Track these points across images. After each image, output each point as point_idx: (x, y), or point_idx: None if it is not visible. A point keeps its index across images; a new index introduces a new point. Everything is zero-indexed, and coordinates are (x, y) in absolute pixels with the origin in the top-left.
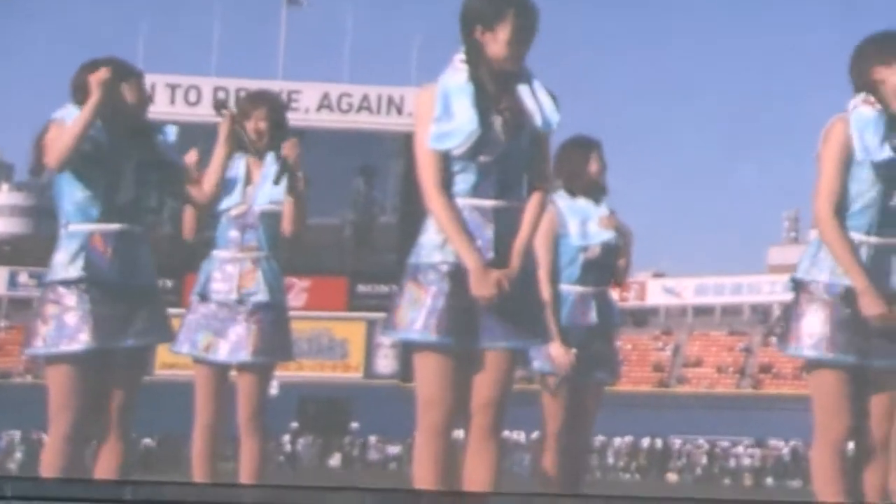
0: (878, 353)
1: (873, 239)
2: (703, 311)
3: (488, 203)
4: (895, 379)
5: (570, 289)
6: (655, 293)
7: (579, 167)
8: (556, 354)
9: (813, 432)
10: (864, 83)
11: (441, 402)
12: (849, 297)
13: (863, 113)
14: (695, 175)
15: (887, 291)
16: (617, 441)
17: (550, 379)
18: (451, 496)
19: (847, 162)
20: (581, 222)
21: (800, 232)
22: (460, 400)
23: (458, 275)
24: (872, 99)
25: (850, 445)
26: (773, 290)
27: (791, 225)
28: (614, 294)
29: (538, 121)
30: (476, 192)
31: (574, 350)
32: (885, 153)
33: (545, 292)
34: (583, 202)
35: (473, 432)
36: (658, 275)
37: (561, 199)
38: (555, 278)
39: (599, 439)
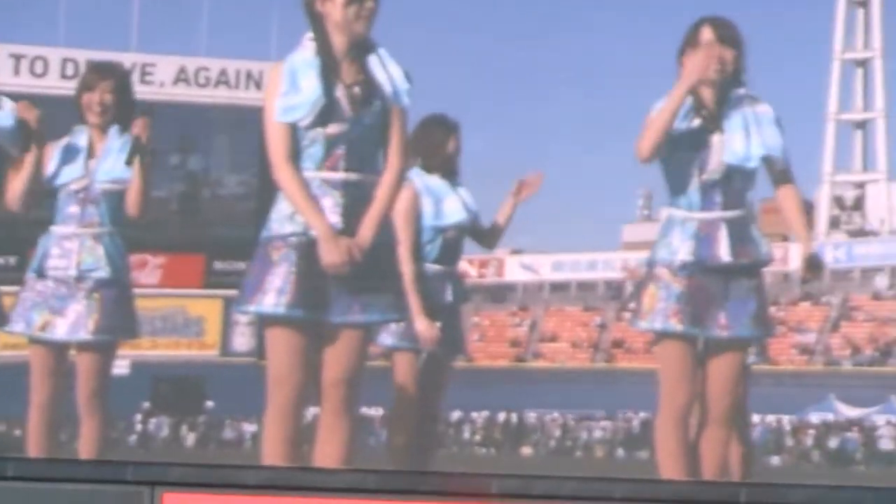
0: (722, 327)
1: (702, 214)
2: (559, 288)
3: (338, 175)
4: (738, 352)
5: (427, 267)
6: (513, 270)
7: (437, 145)
8: (421, 329)
9: (658, 404)
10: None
11: (290, 379)
12: (687, 270)
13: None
14: (552, 153)
15: (716, 263)
16: (474, 415)
17: (410, 355)
18: (457, 477)
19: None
20: (436, 202)
21: (653, 210)
22: (313, 376)
23: (308, 246)
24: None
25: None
26: (626, 267)
27: (645, 203)
28: (472, 271)
29: (388, 92)
30: (325, 164)
31: (438, 325)
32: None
33: (406, 268)
34: (438, 181)
35: (325, 409)
36: (516, 252)
37: (418, 177)
38: (417, 255)
39: (456, 415)
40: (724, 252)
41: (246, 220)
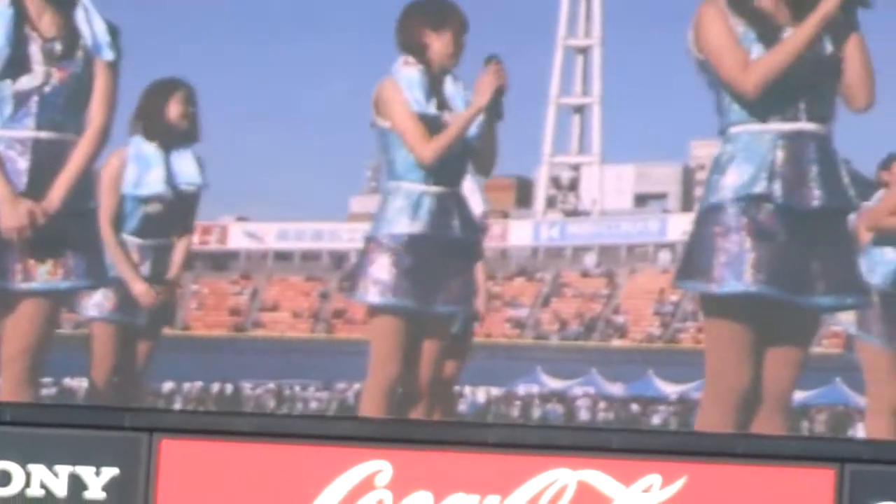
0: (438, 301)
1: (429, 188)
2: (283, 257)
3: (27, 134)
4: (449, 326)
5: (130, 240)
6: (237, 237)
7: (158, 110)
8: (139, 293)
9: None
10: (408, 45)
11: None
12: (412, 245)
13: (407, 73)
14: (280, 120)
15: (449, 235)
16: (187, 386)
17: (108, 326)
18: (446, 425)
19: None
20: (141, 171)
21: (380, 182)
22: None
23: None
24: (412, 60)
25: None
26: (351, 238)
27: (373, 175)
28: (193, 238)
29: (90, 48)
30: (14, 122)
31: (156, 291)
32: (432, 108)
33: (105, 235)
34: (153, 150)
35: (7, 380)
36: (242, 219)
37: (135, 145)
38: (119, 223)
39: (168, 385)
40: (451, 227)
41: None
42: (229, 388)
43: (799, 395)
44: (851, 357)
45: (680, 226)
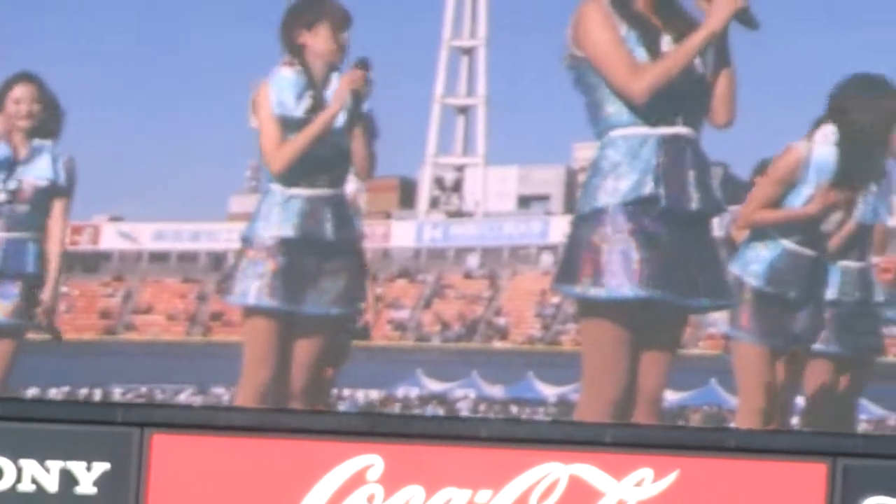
0: (314, 303)
1: (305, 191)
2: (159, 257)
3: None
4: (323, 327)
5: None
6: (110, 238)
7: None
8: None
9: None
10: (287, 46)
11: None
12: (283, 247)
13: (283, 74)
14: (159, 118)
15: (313, 240)
16: (53, 391)
17: None
18: (445, 420)
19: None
20: None
21: (261, 182)
22: None
23: None
24: (291, 60)
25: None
26: (230, 238)
27: (253, 174)
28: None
29: None
30: None
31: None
32: (300, 110)
33: None
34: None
35: None
36: (115, 219)
37: None
38: None
39: (32, 391)
40: (326, 230)
41: None
42: (98, 392)
43: (675, 397)
44: (726, 359)
45: (562, 228)
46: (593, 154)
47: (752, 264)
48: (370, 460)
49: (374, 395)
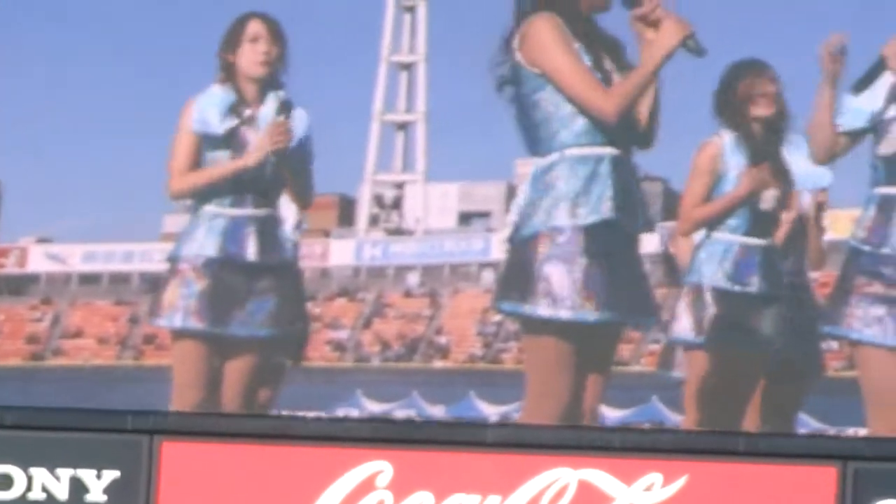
0: (240, 324)
1: (231, 211)
2: (89, 280)
3: None
4: (253, 349)
5: None
6: (38, 260)
7: None
8: None
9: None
10: (219, 65)
11: None
12: (209, 268)
13: (210, 92)
14: (88, 135)
15: (241, 261)
16: None
17: None
18: (449, 426)
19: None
20: None
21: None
22: None
23: None
24: (222, 78)
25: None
26: (164, 259)
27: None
28: None
29: None
30: None
31: None
32: (223, 128)
33: None
34: None
35: None
36: (43, 240)
37: None
38: None
39: None
40: (250, 250)
41: None
42: None
43: (617, 414)
44: (667, 375)
45: (504, 245)
46: (538, 171)
47: (709, 267)
48: (379, 466)
49: (311, 416)
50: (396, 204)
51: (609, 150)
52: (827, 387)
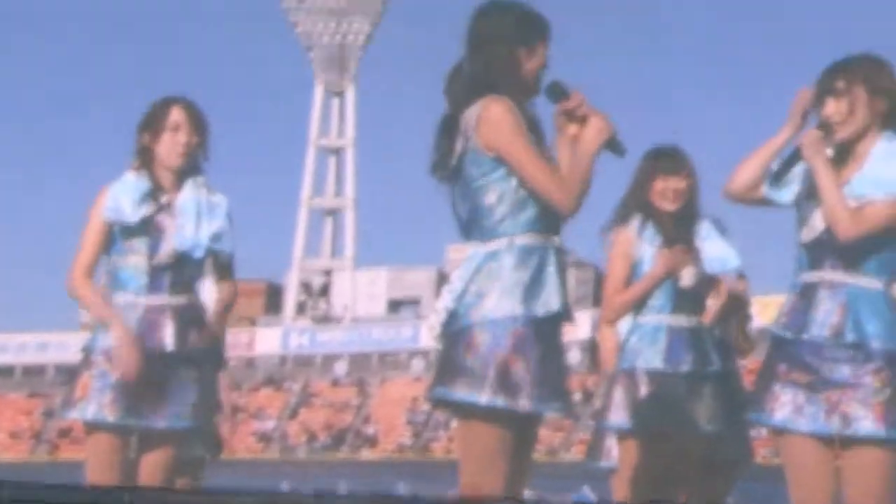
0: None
1: (149, 299)
2: (1, 372)
3: None
4: (170, 441)
5: None
6: None
7: None
8: None
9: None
10: (136, 149)
11: None
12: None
13: (126, 178)
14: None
15: (158, 350)
16: None
17: None
18: None
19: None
20: None
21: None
22: None
23: None
24: (138, 164)
25: None
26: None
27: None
28: None
29: None
30: None
31: None
32: (137, 216)
33: None
34: None
35: None
36: None
37: None
38: None
39: None
40: (167, 339)
41: None
42: None
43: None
44: (596, 464)
45: (437, 332)
46: (481, 258)
47: (639, 351)
48: None
49: None
50: (324, 291)
51: (555, 240)
52: (755, 473)
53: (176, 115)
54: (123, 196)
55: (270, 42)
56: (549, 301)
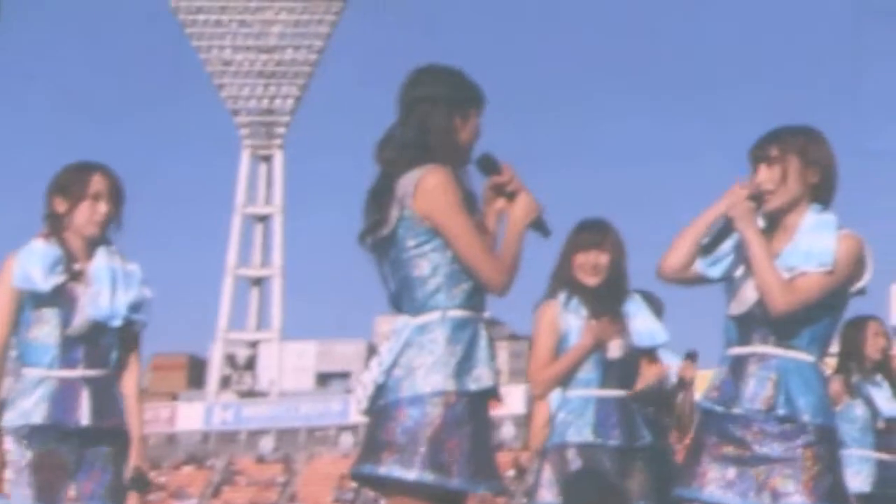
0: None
1: (61, 373)
2: None
3: None
4: None
5: None
6: None
7: None
8: None
9: None
10: (46, 215)
11: None
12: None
13: (36, 246)
14: None
15: (72, 426)
16: None
17: None
18: None
19: None
20: None
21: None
22: None
23: None
24: (48, 232)
25: None
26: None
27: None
28: None
29: None
30: None
31: None
32: (49, 284)
33: None
34: None
35: None
36: None
37: None
38: None
39: None
40: (82, 415)
41: None
42: None
43: None
44: None
45: (364, 406)
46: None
47: (569, 425)
48: None
49: None
50: (250, 364)
51: (486, 315)
52: None
53: (98, 183)
54: (33, 265)
55: (195, 106)
56: (481, 376)
